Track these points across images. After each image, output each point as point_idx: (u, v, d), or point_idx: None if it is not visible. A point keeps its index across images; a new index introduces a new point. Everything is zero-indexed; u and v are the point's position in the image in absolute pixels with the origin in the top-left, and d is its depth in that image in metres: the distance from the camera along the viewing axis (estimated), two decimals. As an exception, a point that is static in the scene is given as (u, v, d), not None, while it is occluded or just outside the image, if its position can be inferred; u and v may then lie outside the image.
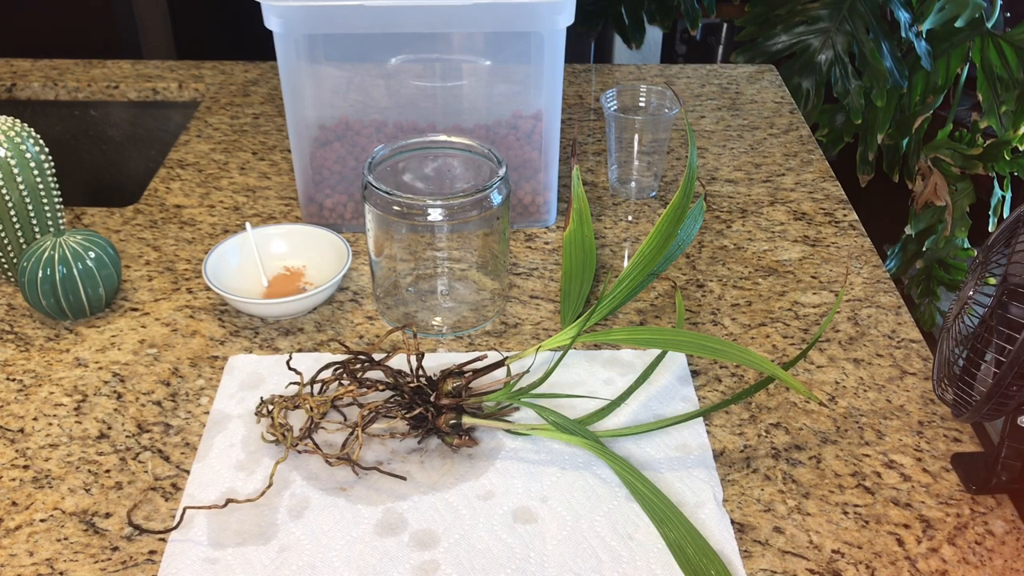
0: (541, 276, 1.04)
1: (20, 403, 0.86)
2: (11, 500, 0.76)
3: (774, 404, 0.87)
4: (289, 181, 1.21)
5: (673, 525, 0.70)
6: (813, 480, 0.79)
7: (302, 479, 0.78)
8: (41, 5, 2.21)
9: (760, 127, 1.36)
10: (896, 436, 0.83)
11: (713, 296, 1.01)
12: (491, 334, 0.95)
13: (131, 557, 0.72)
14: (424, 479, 0.78)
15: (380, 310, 0.97)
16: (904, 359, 0.92)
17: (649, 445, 0.82)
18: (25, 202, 0.95)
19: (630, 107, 1.15)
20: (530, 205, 1.12)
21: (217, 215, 1.14)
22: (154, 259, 1.06)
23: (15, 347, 0.92)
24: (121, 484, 0.78)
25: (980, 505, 0.77)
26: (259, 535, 0.73)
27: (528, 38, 1.02)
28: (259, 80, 1.49)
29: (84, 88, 1.47)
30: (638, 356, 0.92)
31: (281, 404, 0.80)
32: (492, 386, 0.82)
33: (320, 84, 1.06)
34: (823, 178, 1.23)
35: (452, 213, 0.89)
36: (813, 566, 0.72)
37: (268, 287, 0.99)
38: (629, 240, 1.11)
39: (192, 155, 1.27)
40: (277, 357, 0.91)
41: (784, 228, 1.13)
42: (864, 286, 1.02)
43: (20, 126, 0.94)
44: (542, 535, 0.73)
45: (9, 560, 0.71)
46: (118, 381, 0.88)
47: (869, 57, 1.81)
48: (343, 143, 1.09)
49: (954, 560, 0.72)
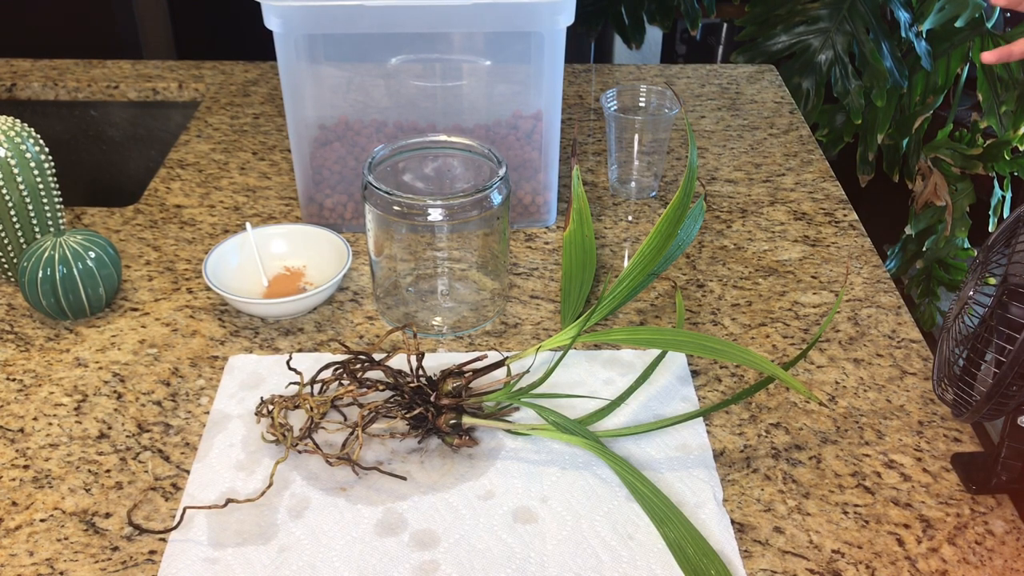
0: (541, 276, 1.04)
1: (20, 403, 0.86)
2: (11, 500, 0.76)
3: (774, 404, 0.87)
4: (289, 181, 1.21)
5: (673, 525, 0.70)
6: (813, 480, 0.79)
7: (302, 479, 0.78)
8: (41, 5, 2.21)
9: (760, 127, 1.36)
10: (896, 436, 0.83)
11: (713, 296, 1.01)
12: (491, 334, 0.95)
13: (131, 557, 0.72)
14: (424, 479, 0.78)
15: (380, 310, 0.97)
16: (904, 359, 0.92)
17: (649, 445, 0.82)
18: (25, 202, 0.95)
19: (630, 107, 1.15)
20: (530, 205, 1.12)
21: (217, 215, 1.14)
22: (154, 259, 1.06)
23: (15, 347, 0.92)
24: (121, 484, 0.78)
25: (980, 505, 0.77)
26: (259, 535, 0.73)
27: (528, 38, 1.02)
28: (259, 80, 1.49)
29: (84, 88, 1.47)
30: (638, 356, 0.92)
31: (281, 404, 0.80)
32: (492, 386, 0.82)
33: (320, 84, 1.06)
34: (823, 178, 1.23)
35: (452, 213, 0.89)
36: (813, 566, 0.72)
37: (268, 287, 0.99)
38: (629, 240, 1.11)
39: (192, 155, 1.27)
40: (277, 357, 0.91)
41: (784, 228, 1.13)
42: (864, 286, 1.02)
43: (20, 126, 0.94)
44: (542, 535, 0.73)
45: (9, 560, 0.71)
46: (118, 381, 0.88)
47: (869, 57, 1.81)
48: (343, 143, 1.09)
49: (954, 560, 0.72)
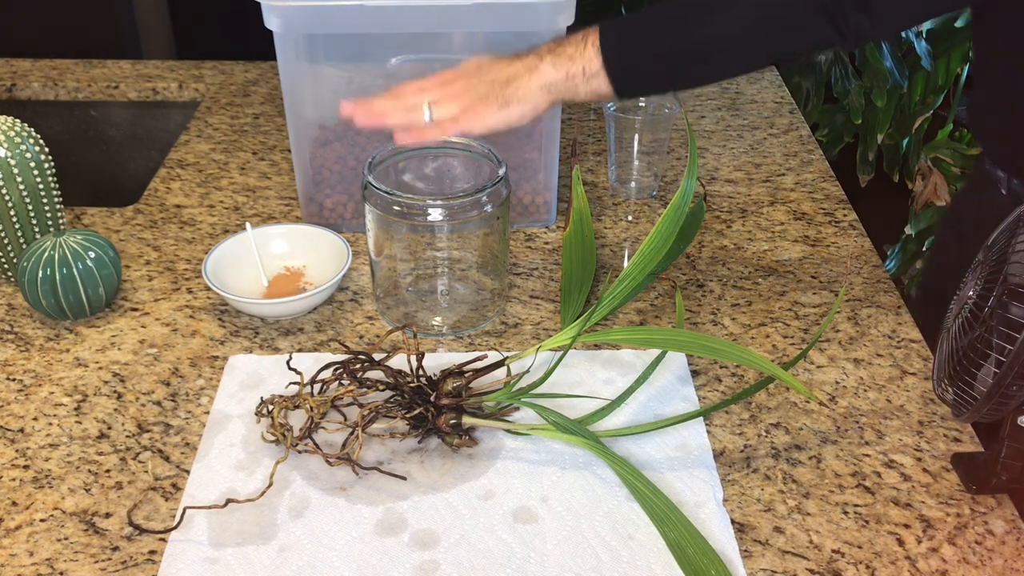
0: (541, 276, 1.04)
1: (20, 403, 0.86)
2: (11, 500, 0.76)
3: (774, 404, 0.87)
4: (289, 181, 1.21)
5: (673, 525, 0.70)
6: (813, 480, 0.79)
7: (302, 479, 0.78)
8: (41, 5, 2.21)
9: (760, 127, 1.36)
10: (896, 436, 0.83)
11: (713, 296, 1.01)
12: (491, 334, 0.95)
13: (131, 557, 0.72)
14: (424, 479, 0.78)
15: (380, 310, 0.97)
16: (904, 359, 0.92)
17: (649, 445, 0.82)
18: (25, 202, 0.95)
19: (630, 107, 1.15)
20: (530, 205, 1.12)
21: (217, 215, 1.14)
22: (154, 259, 1.06)
23: (15, 347, 0.92)
24: (121, 484, 0.78)
25: (980, 505, 0.77)
26: (259, 535, 0.73)
27: (528, 38, 1.02)
28: (259, 80, 1.49)
29: (84, 88, 1.47)
30: (638, 356, 0.92)
31: (281, 404, 0.80)
32: (492, 386, 0.82)
33: (320, 84, 1.06)
34: (823, 178, 1.23)
35: (452, 213, 0.89)
36: (813, 566, 0.72)
37: (268, 287, 0.99)
38: (629, 240, 1.11)
39: (192, 155, 1.27)
40: (277, 357, 0.91)
41: (784, 228, 1.13)
42: (864, 286, 1.02)
43: (20, 126, 0.94)
44: (542, 535, 0.73)
45: (9, 560, 0.71)
46: (118, 381, 0.88)
47: (869, 57, 1.81)
48: (343, 143, 1.09)
49: (954, 560, 0.72)
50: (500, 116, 0.87)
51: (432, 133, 0.87)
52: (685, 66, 0.86)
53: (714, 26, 0.84)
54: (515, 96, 0.87)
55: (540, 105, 0.88)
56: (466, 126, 0.86)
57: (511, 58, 0.89)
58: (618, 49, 0.85)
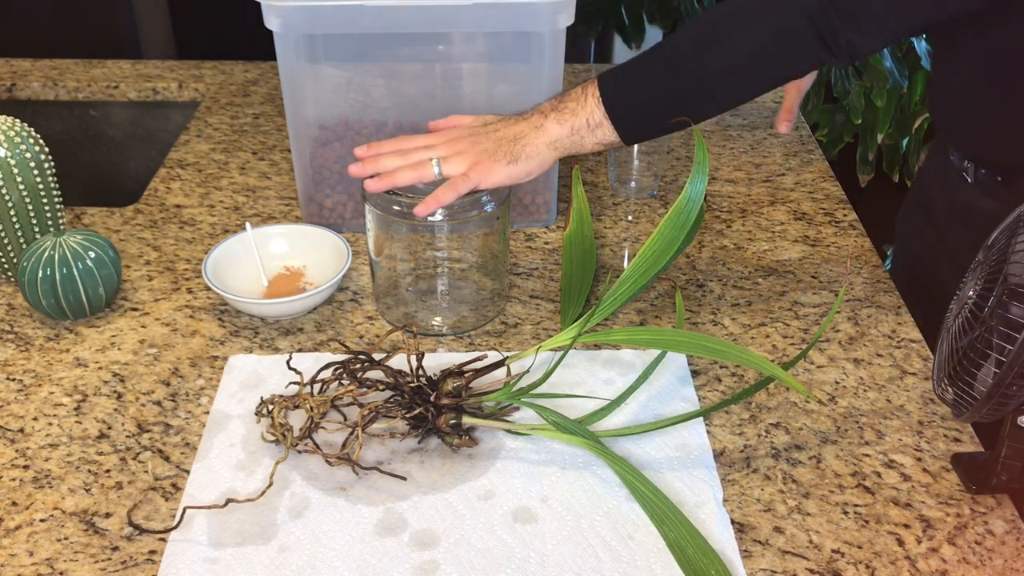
0: (541, 276, 1.04)
1: (20, 403, 0.86)
2: (11, 500, 0.76)
3: (774, 404, 0.87)
4: (289, 181, 1.21)
5: (673, 525, 0.70)
6: (813, 480, 0.79)
7: (302, 479, 0.78)
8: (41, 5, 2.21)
9: (760, 127, 1.36)
10: (896, 436, 0.83)
11: (713, 296, 1.01)
12: (491, 334, 0.95)
13: (131, 557, 0.72)
14: (424, 479, 0.78)
15: (380, 310, 0.97)
16: (904, 359, 0.92)
17: (649, 445, 0.82)
18: (25, 202, 0.95)
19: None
20: (530, 205, 1.12)
21: (217, 215, 1.14)
22: (154, 259, 1.06)
23: (15, 347, 0.92)
24: (121, 484, 0.78)
25: (980, 505, 0.77)
26: (259, 535, 0.73)
27: (528, 38, 1.02)
28: (259, 80, 1.49)
29: (84, 88, 1.47)
30: (638, 356, 0.92)
31: (281, 404, 0.80)
32: (492, 386, 0.82)
33: (320, 84, 1.06)
34: (823, 178, 1.23)
35: (452, 213, 0.89)
36: (813, 566, 0.72)
37: (268, 287, 0.99)
38: (629, 240, 1.11)
39: (192, 155, 1.27)
40: (277, 357, 0.91)
41: (784, 228, 1.13)
42: (864, 286, 1.02)
43: (20, 126, 0.94)
44: (542, 535, 0.73)
45: (9, 560, 0.71)
46: (118, 381, 0.88)
47: (869, 57, 1.81)
48: (343, 143, 1.09)
49: (954, 560, 0.72)
50: (509, 171, 0.89)
51: (446, 194, 0.87)
52: (686, 104, 0.88)
53: (710, 62, 0.86)
54: (523, 153, 0.89)
55: (547, 161, 0.90)
56: (476, 180, 0.88)
57: (516, 118, 0.91)
58: (618, 97, 0.88)
